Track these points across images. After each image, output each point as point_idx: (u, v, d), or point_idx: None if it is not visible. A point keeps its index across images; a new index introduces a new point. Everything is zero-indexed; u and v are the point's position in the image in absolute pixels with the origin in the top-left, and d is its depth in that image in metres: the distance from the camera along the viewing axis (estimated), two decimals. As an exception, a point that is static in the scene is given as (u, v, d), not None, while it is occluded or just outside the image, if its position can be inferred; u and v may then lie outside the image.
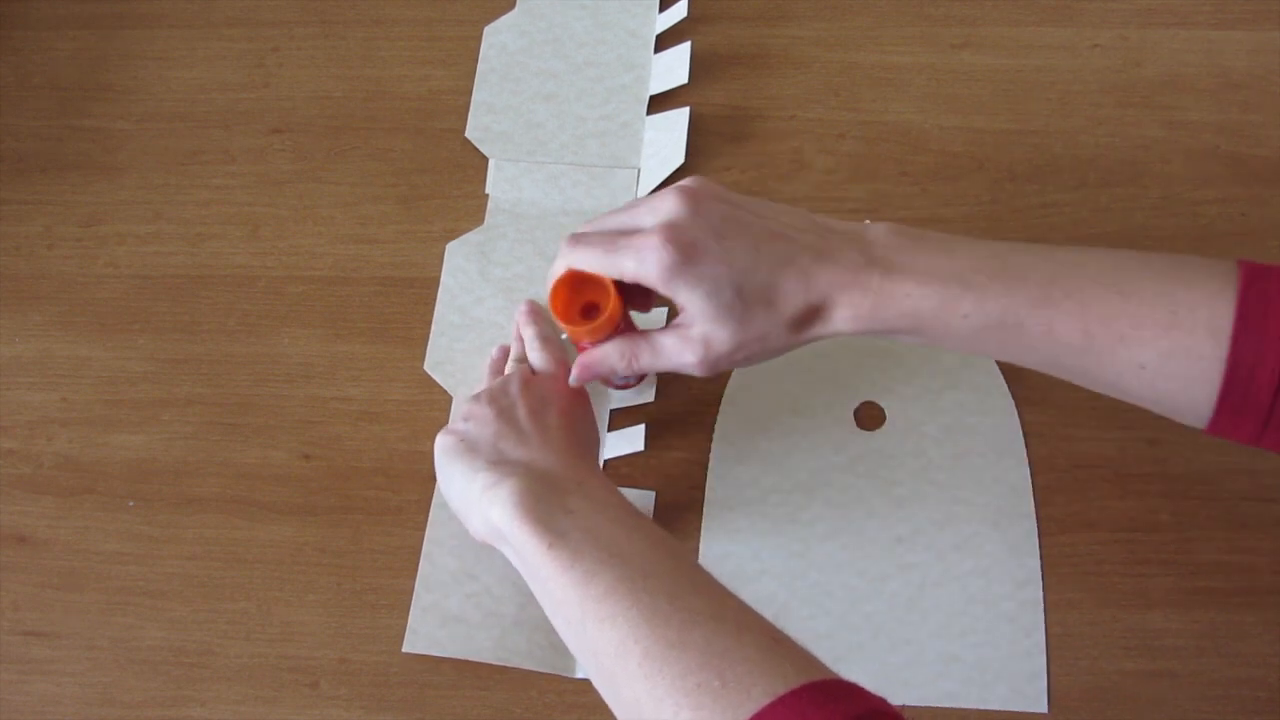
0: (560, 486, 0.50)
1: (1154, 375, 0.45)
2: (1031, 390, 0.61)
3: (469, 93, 0.73)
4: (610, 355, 0.54)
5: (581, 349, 0.55)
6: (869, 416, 0.61)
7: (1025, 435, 0.60)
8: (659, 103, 0.71)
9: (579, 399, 0.58)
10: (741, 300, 0.49)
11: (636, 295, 0.53)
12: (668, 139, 0.69)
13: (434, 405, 0.63)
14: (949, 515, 0.59)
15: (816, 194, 0.68)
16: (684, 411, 0.62)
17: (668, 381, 0.63)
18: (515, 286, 0.66)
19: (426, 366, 0.64)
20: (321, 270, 0.68)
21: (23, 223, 0.70)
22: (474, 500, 0.51)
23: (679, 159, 0.68)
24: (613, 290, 0.52)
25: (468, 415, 0.56)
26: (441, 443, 0.55)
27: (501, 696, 0.56)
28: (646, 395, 0.62)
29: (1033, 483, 0.59)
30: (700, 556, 0.59)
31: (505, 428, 0.54)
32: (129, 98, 0.74)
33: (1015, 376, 0.61)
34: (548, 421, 0.55)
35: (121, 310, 0.67)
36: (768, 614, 0.56)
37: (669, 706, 0.40)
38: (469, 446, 0.53)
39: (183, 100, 0.74)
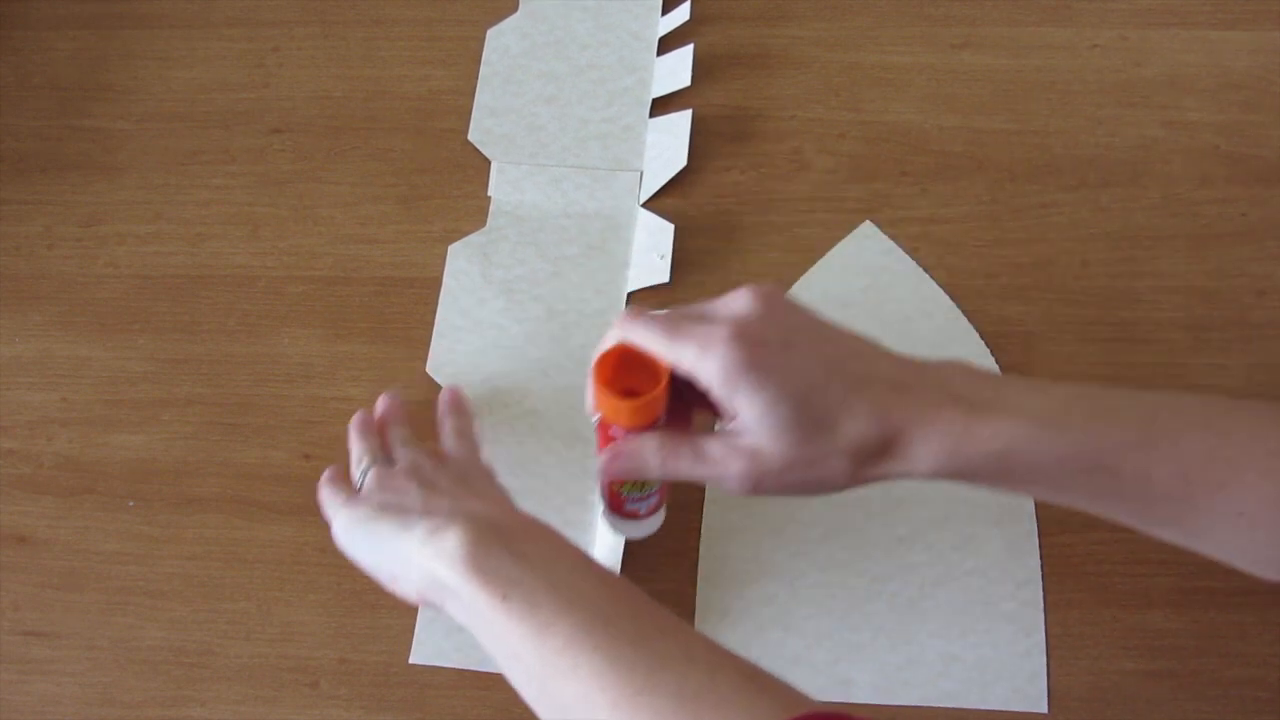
0: (507, 532, 0.46)
1: (1251, 522, 0.43)
2: (1031, 390, 0.61)
3: (469, 93, 0.73)
4: (647, 446, 0.47)
5: (611, 438, 0.49)
6: (869, 416, 0.61)
7: (1025, 435, 0.60)
8: (661, 105, 0.71)
9: (493, 475, 0.55)
10: (803, 417, 0.44)
11: (681, 403, 0.48)
12: (670, 141, 0.69)
13: (434, 406, 0.63)
14: (949, 515, 0.58)
15: (816, 194, 0.68)
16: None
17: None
18: (517, 288, 0.66)
19: (429, 369, 0.64)
20: (321, 270, 0.68)
21: (23, 223, 0.70)
22: (410, 555, 0.46)
23: (681, 162, 0.68)
24: (665, 375, 0.46)
25: (382, 486, 0.52)
26: (351, 514, 0.50)
27: (501, 696, 0.56)
28: (652, 527, 0.55)
29: None
30: (700, 557, 0.59)
31: (430, 492, 0.50)
32: (129, 98, 0.74)
33: (1017, 375, 0.61)
34: (473, 486, 0.52)
35: (121, 310, 0.67)
36: (767, 614, 0.57)
37: None
38: (397, 508, 0.49)
39: (183, 100, 0.74)
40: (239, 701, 0.57)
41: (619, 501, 0.53)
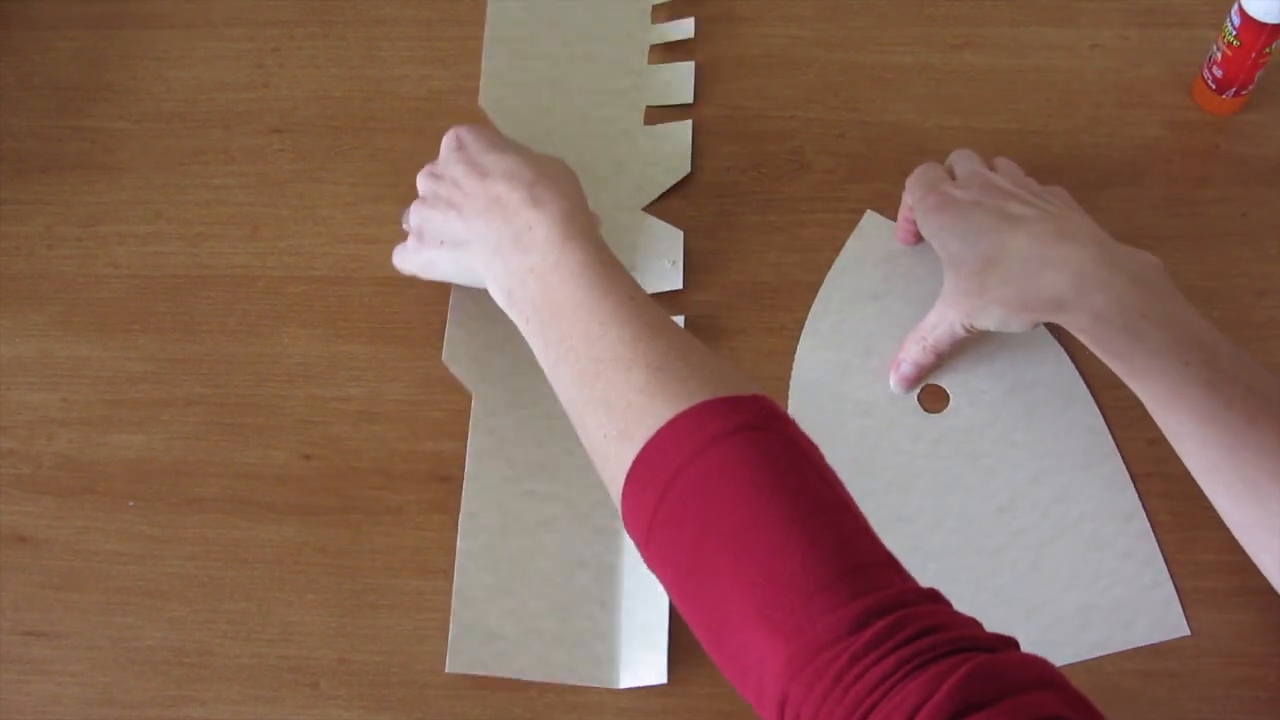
0: (522, 242, 0.56)
1: None
2: (1032, 390, 0.61)
3: (470, 93, 0.73)
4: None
5: None
6: (934, 398, 0.61)
7: (1025, 435, 0.60)
8: (661, 107, 0.71)
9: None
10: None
11: None
12: (671, 148, 0.69)
13: (435, 405, 0.63)
14: (1040, 471, 0.59)
15: (816, 194, 0.68)
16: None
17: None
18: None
19: (445, 358, 0.63)
20: (321, 270, 0.68)
21: (23, 223, 0.70)
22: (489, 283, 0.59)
23: (685, 169, 0.68)
24: None
25: (425, 219, 0.62)
26: (418, 260, 0.63)
27: (501, 697, 0.56)
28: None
29: (1106, 420, 0.60)
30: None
31: (457, 215, 0.60)
32: (129, 98, 0.74)
33: (1056, 329, 0.61)
34: (496, 158, 0.60)
35: (121, 310, 0.67)
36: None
37: (599, 460, 0.49)
38: (451, 243, 0.60)
39: (183, 100, 0.74)
40: (239, 701, 0.57)
41: None
